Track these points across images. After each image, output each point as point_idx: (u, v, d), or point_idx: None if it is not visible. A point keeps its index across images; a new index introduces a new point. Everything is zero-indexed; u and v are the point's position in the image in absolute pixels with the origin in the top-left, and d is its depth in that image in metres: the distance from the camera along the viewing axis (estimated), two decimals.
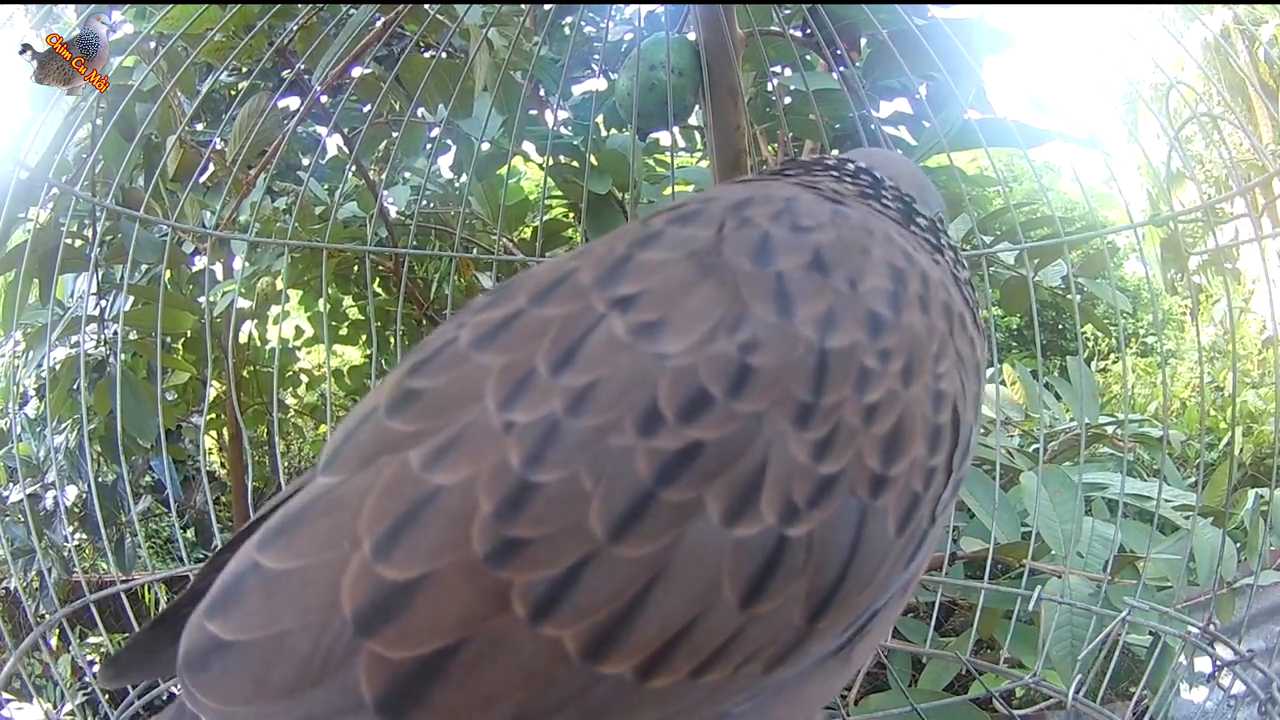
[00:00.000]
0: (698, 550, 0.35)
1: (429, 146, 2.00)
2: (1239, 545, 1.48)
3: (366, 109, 1.93)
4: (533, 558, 0.34)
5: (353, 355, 3.02)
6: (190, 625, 0.38)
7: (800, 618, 0.37)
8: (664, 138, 1.83)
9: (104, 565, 2.42)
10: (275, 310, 2.30)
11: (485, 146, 1.78)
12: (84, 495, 2.02)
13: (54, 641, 1.69)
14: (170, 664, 0.43)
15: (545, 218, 2.17)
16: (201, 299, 1.89)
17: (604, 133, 1.98)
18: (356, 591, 0.35)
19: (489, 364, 0.38)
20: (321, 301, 1.65)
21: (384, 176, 2.09)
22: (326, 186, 2.13)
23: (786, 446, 0.36)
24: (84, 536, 2.28)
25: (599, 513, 0.35)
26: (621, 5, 2.09)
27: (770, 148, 2.05)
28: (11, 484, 2.01)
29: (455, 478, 0.36)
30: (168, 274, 1.82)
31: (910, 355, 0.40)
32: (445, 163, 2.33)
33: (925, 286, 0.43)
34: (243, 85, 2.01)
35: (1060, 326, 4.32)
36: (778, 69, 1.88)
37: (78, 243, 1.65)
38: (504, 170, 1.86)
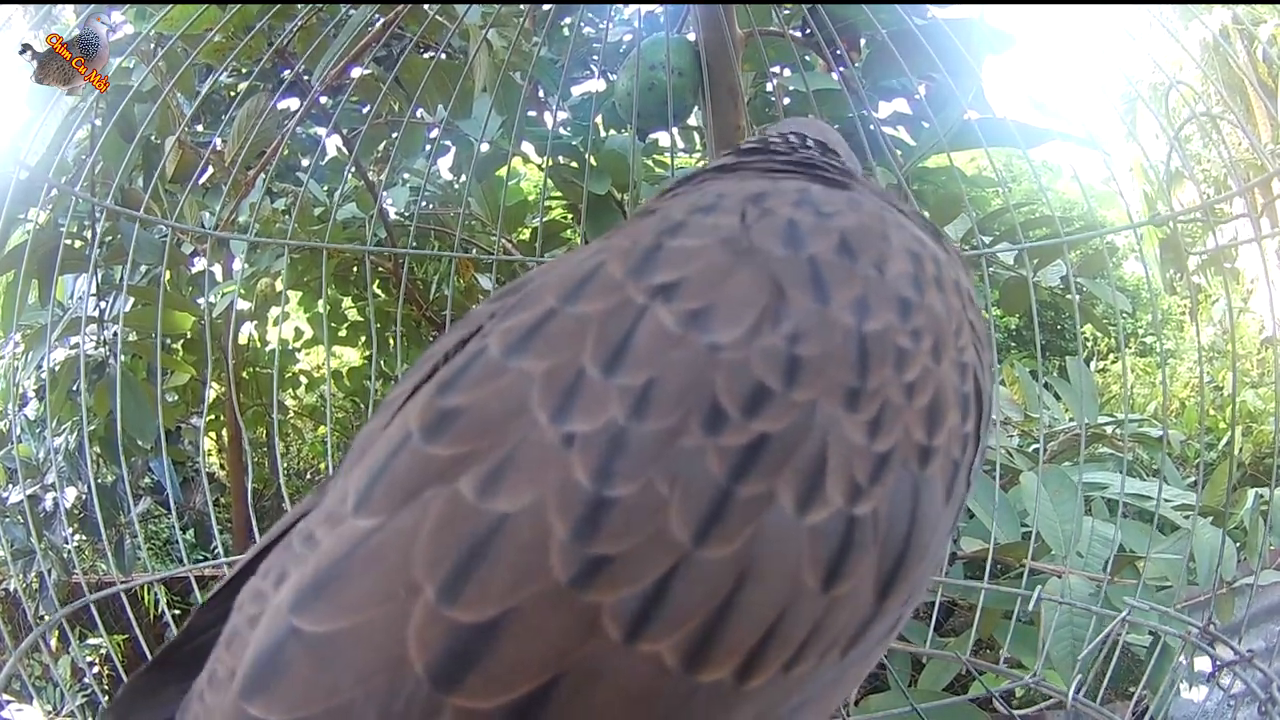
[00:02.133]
0: (777, 542, 0.35)
1: (428, 148, 2.00)
2: (1239, 545, 1.48)
3: (366, 110, 1.93)
4: (620, 575, 0.33)
5: (352, 357, 3.02)
6: (227, 713, 0.34)
7: (872, 594, 0.37)
8: (664, 138, 1.83)
9: (104, 566, 2.42)
10: (275, 311, 2.30)
11: (485, 147, 1.79)
12: (84, 496, 2.02)
13: (54, 642, 1.69)
14: (172, 704, 0.42)
15: (545, 218, 2.17)
16: (201, 300, 1.89)
17: (603, 133, 1.98)
18: (427, 643, 0.32)
19: (530, 371, 0.36)
20: (321, 303, 1.65)
21: (383, 177, 2.09)
22: (326, 187, 2.14)
23: (842, 430, 0.37)
24: (84, 537, 2.28)
25: (680, 518, 0.33)
26: (621, 6, 2.09)
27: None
28: (11, 485, 2.01)
29: (519, 503, 0.33)
30: (167, 275, 1.82)
31: (937, 333, 0.41)
32: (445, 164, 2.34)
33: (938, 268, 0.44)
34: (242, 86, 2.01)
35: (1059, 326, 4.32)
36: (777, 69, 1.88)
37: (77, 243, 1.65)
38: (503, 171, 1.86)
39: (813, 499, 0.35)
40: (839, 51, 1.38)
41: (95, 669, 1.93)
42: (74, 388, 1.71)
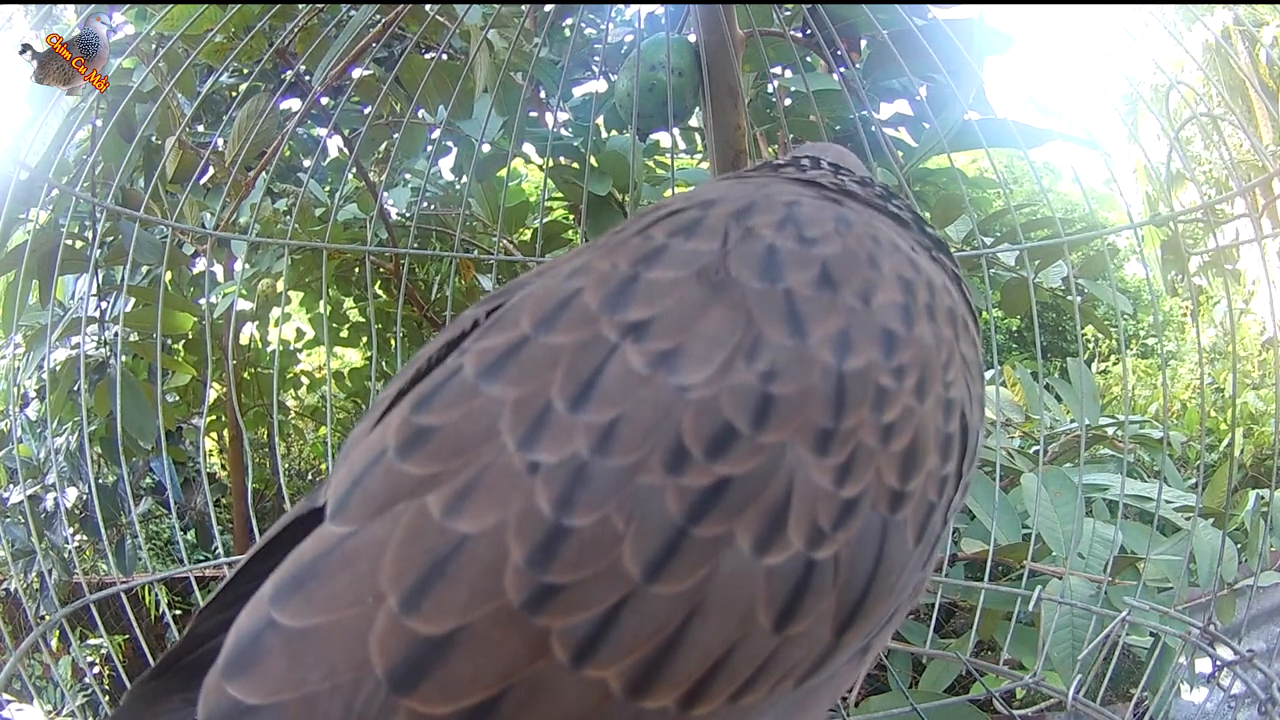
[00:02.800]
0: (731, 581, 0.35)
1: (429, 148, 2.00)
2: (1239, 546, 1.48)
3: (367, 110, 1.93)
4: (570, 602, 0.34)
5: (353, 357, 3.02)
6: (209, 687, 0.36)
7: (830, 633, 0.38)
8: (664, 139, 1.83)
9: (104, 566, 2.42)
10: (276, 312, 2.30)
11: (485, 148, 1.79)
12: (84, 497, 2.02)
13: (54, 642, 1.69)
14: (177, 713, 0.43)
15: (545, 219, 2.17)
16: (202, 300, 1.89)
17: (604, 134, 1.98)
18: (388, 648, 0.34)
19: (501, 397, 0.37)
20: (322, 303, 1.65)
21: (384, 178, 2.09)
22: (327, 188, 2.14)
23: (809, 474, 0.37)
24: (84, 538, 2.28)
25: (633, 553, 0.34)
26: (622, 6, 2.09)
27: (770, 149, 2.05)
28: (12, 485, 2.01)
29: (481, 525, 0.35)
30: (168, 275, 1.82)
31: (923, 369, 0.41)
32: (446, 164, 2.34)
33: (932, 294, 0.44)
34: (243, 87, 2.01)
35: (1060, 328, 4.32)
36: (778, 70, 1.88)
37: (78, 243, 1.65)
38: (504, 172, 1.86)
39: (772, 542, 0.36)
40: (839, 52, 1.38)
41: (96, 669, 1.93)
42: (74, 388, 1.71)
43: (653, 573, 0.34)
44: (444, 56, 1.62)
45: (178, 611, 1.92)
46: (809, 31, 1.38)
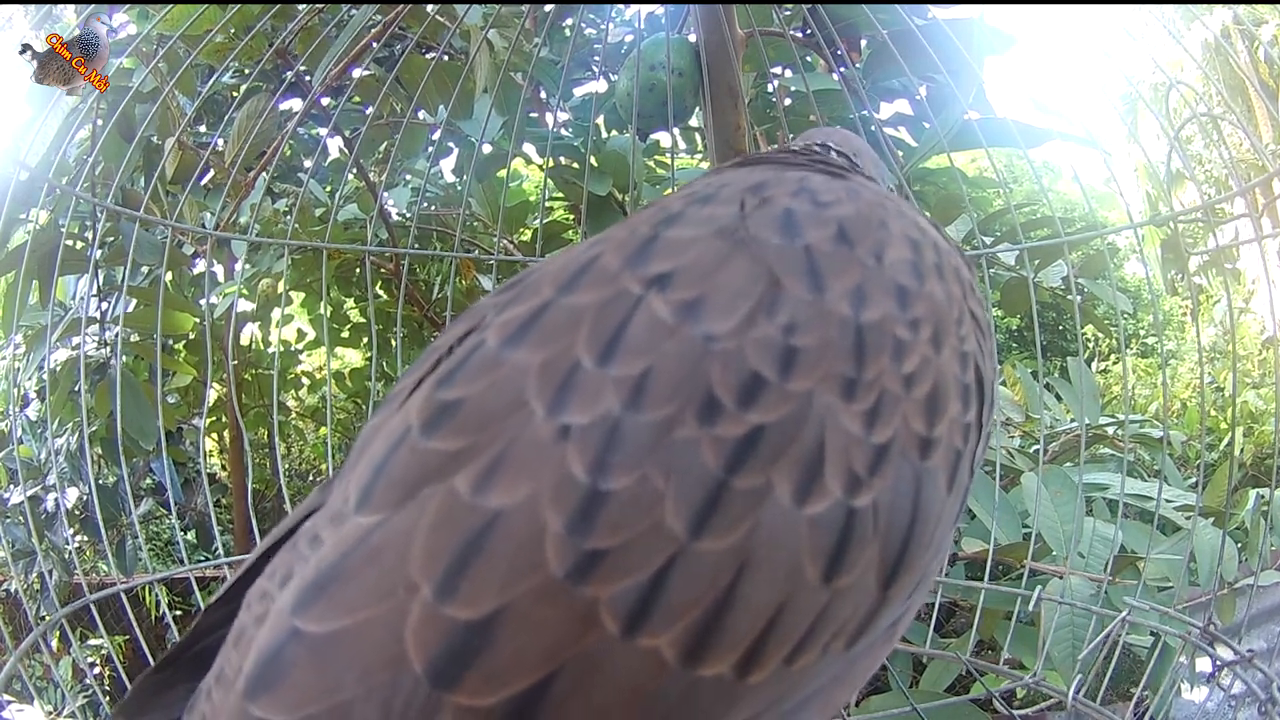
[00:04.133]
0: (775, 533, 0.34)
1: (429, 148, 2.01)
2: (1239, 545, 1.48)
3: (367, 110, 1.93)
4: (616, 568, 0.33)
5: (354, 358, 3.03)
6: (231, 712, 0.34)
7: (876, 586, 0.37)
8: (664, 139, 1.83)
9: (105, 567, 2.42)
10: (277, 313, 2.30)
11: (486, 148, 1.79)
12: (85, 497, 2.02)
13: (55, 643, 1.69)
14: (181, 704, 0.42)
15: (546, 219, 2.17)
16: (202, 301, 1.89)
17: (604, 134, 1.98)
18: (425, 641, 0.32)
19: (526, 362, 0.37)
20: (323, 304, 1.65)
21: (384, 178, 2.09)
22: (327, 188, 2.14)
23: (839, 420, 0.37)
24: (85, 538, 2.28)
25: (675, 510, 0.33)
26: (622, 6, 2.09)
27: (771, 149, 2.05)
28: (12, 486, 2.01)
29: (514, 499, 0.34)
30: (169, 276, 1.82)
31: (936, 322, 0.41)
32: (446, 165, 2.34)
33: (939, 255, 0.44)
34: (243, 87, 2.01)
35: (1060, 327, 4.32)
36: (778, 69, 1.88)
37: (78, 244, 1.65)
38: (504, 172, 1.86)
39: (811, 490, 0.35)
40: (839, 52, 1.38)
41: (96, 669, 1.94)
42: (75, 388, 1.71)
43: (698, 528, 0.33)
44: (444, 56, 1.62)
45: (178, 612, 1.92)
46: (809, 31, 1.38)
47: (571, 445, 0.34)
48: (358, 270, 2.32)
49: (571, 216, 2.34)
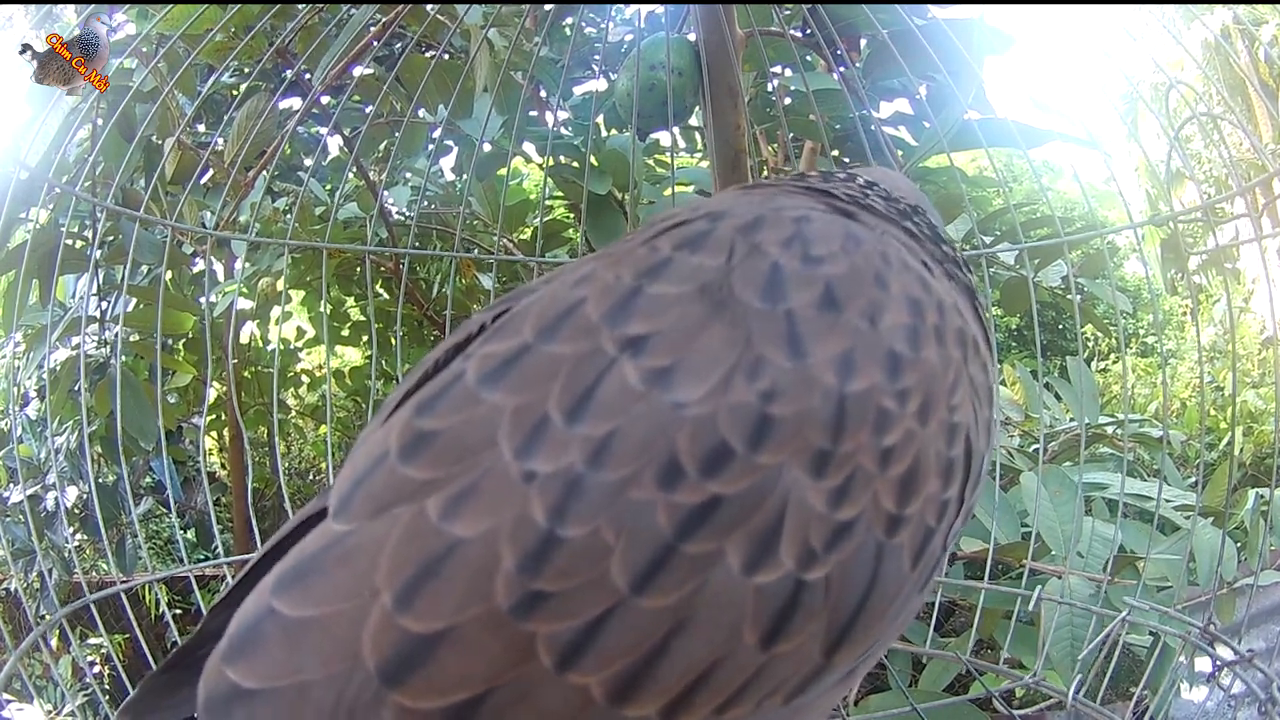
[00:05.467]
0: (718, 597, 0.36)
1: (430, 147, 2.00)
2: (1239, 545, 1.48)
3: (367, 109, 1.93)
4: (557, 609, 0.35)
5: (353, 356, 3.03)
6: (209, 670, 0.38)
7: (819, 654, 0.38)
8: (664, 138, 1.83)
9: (104, 566, 2.42)
10: (276, 311, 2.30)
11: (486, 147, 1.79)
12: (85, 496, 2.02)
13: (54, 642, 1.69)
14: (187, 705, 0.43)
15: (546, 218, 2.17)
16: (202, 300, 1.89)
17: (604, 133, 1.98)
18: (380, 643, 0.35)
19: (500, 405, 0.38)
20: (323, 302, 1.65)
21: (384, 177, 2.09)
22: (327, 187, 2.14)
23: (804, 496, 0.37)
24: (85, 537, 2.28)
25: (621, 566, 0.35)
26: (621, 5, 2.10)
27: (770, 148, 2.05)
28: (12, 485, 2.02)
29: (475, 530, 0.36)
30: (169, 275, 1.82)
31: (927, 392, 0.41)
32: (446, 164, 2.34)
33: (941, 315, 0.43)
34: (243, 86, 2.01)
35: (1060, 327, 4.32)
36: (778, 69, 1.88)
37: (78, 243, 1.65)
38: (504, 171, 1.86)
39: (762, 561, 0.36)
40: (839, 51, 1.38)
41: (96, 669, 1.93)
42: (75, 387, 1.71)
43: (640, 585, 0.35)
44: (444, 56, 1.62)
45: (178, 611, 1.92)
46: (809, 31, 1.38)
47: (535, 489, 0.36)
48: (358, 269, 2.32)
49: (571, 215, 2.34)
